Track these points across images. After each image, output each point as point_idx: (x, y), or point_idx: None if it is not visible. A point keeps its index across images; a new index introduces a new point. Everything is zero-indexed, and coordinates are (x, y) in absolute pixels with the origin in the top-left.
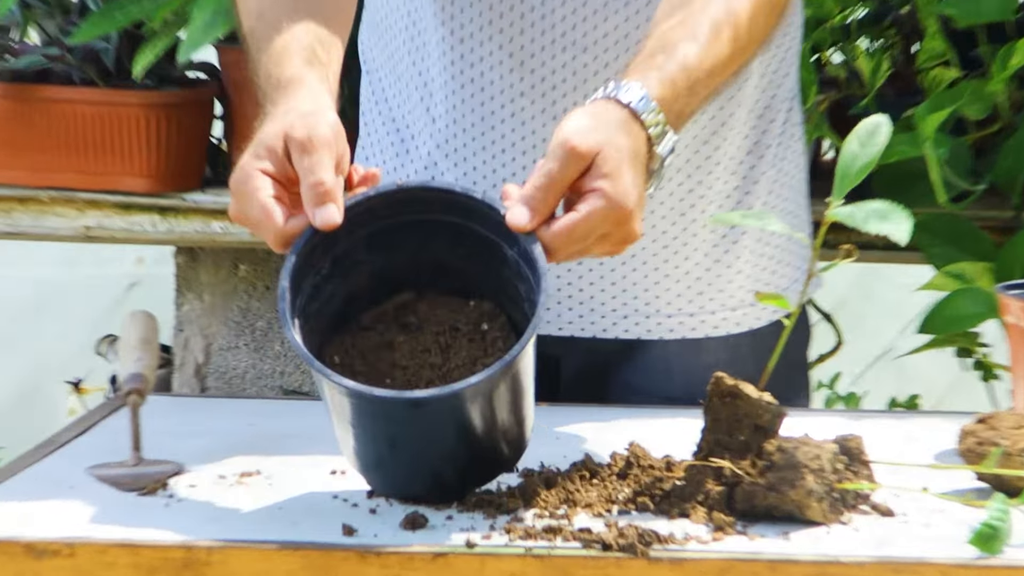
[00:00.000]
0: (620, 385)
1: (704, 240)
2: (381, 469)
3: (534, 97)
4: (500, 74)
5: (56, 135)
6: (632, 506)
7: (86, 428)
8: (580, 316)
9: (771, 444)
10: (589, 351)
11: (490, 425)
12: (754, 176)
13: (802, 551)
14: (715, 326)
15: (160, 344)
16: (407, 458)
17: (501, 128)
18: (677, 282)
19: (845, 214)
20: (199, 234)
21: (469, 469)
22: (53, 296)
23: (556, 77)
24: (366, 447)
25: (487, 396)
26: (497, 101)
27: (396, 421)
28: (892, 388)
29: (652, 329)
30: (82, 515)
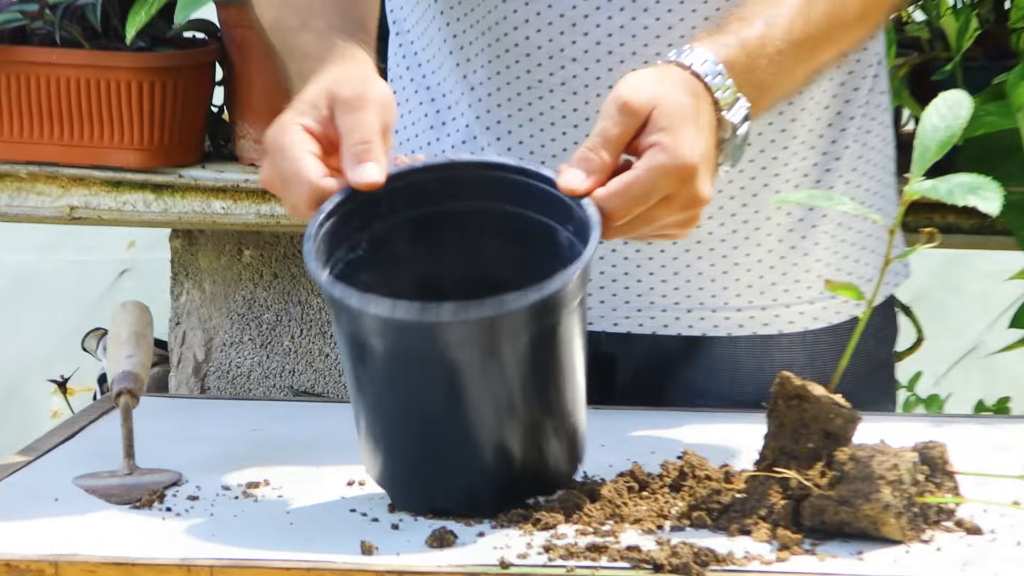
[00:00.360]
0: (682, 387)
1: (778, 224)
2: (400, 452)
3: (587, 63)
4: (549, 37)
5: (36, 103)
6: (686, 522)
7: (72, 433)
8: (638, 310)
9: (843, 453)
10: (648, 350)
11: (533, 395)
12: (835, 152)
13: (878, 573)
14: (790, 321)
15: (155, 339)
16: (433, 434)
17: (549, 98)
18: (748, 271)
19: (927, 188)
20: (198, 215)
21: (510, 460)
22: (33, 285)
23: (612, 40)
24: (387, 421)
25: (524, 349)
26: (545, 68)
27: (421, 361)
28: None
29: (719, 324)
30: (68, 530)
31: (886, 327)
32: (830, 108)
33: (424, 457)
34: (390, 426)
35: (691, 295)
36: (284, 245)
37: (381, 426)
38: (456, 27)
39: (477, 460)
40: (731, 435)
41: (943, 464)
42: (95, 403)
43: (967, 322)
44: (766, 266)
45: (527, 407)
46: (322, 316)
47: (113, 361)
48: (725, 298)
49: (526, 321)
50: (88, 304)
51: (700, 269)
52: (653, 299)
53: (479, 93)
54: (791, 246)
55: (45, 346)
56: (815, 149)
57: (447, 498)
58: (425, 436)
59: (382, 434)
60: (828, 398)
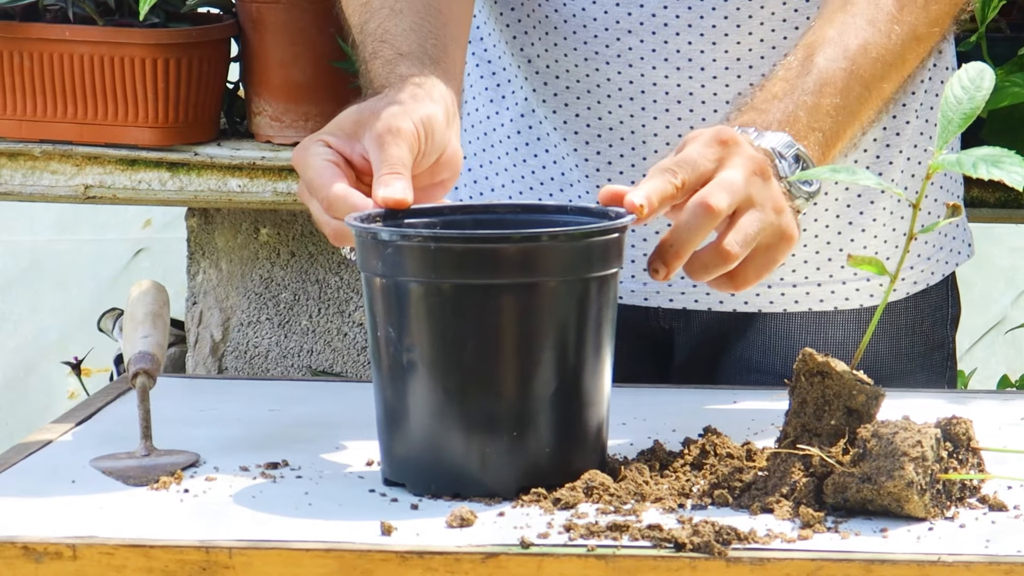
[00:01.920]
0: (737, 363)
1: (836, 200)
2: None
3: (643, 35)
4: (605, 8)
5: (49, 81)
6: (708, 500)
7: (89, 414)
8: (694, 286)
9: (865, 429)
10: (704, 325)
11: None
12: (896, 127)
13: (901, 550)
14: (846, 297)
15: (171, 319)
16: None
17: (606, 70)
18: (804, 247)
19: (951, 161)
20: (214, 193)
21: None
22: (49, 265)
23: (668, 12)
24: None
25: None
26: (601, 39)
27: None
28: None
29: (775, 300)
30: (86, 513)
31: (944, 306)
32: None
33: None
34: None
35: None
36: (301, 223)
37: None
38: (513, 1)
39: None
40: (753, 413)
41: (967, 440)
42: (111, 384)
43: (992, 297)
44: (823, 242)
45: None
46: (340, 295)
47: (129, 341)
48: (781, 273)
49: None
50: (104, 284)
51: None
52: None
53: (536, 66)
54: (848, 222)
55: (61, 326)
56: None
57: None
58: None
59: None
60: (851, 374)
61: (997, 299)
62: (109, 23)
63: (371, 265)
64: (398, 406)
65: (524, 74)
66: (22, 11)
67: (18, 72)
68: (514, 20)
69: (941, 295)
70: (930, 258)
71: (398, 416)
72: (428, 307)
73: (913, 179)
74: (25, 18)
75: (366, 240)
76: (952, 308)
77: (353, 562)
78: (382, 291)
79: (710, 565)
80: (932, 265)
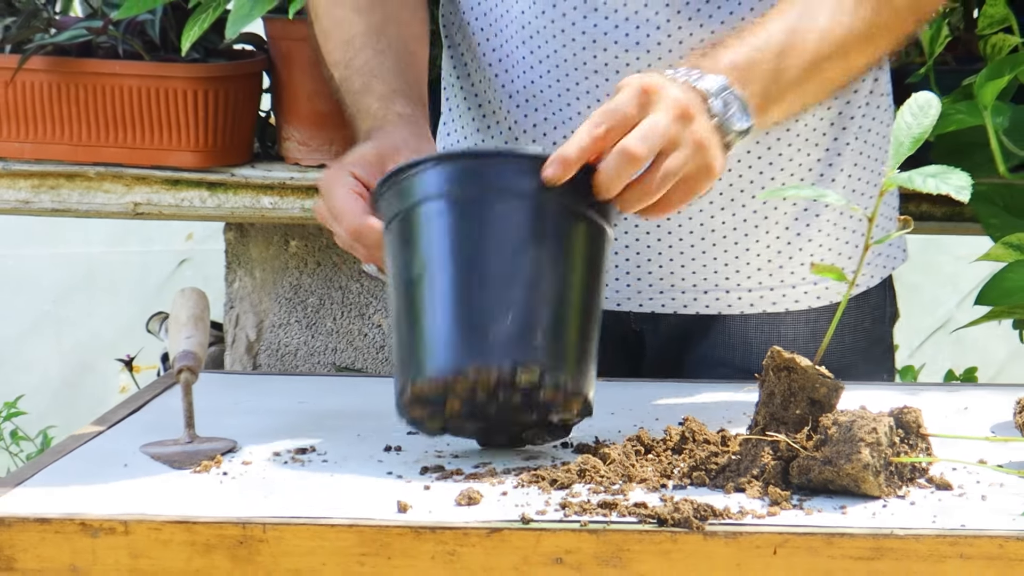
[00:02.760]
0: (700, 360)
1: (784, 213)
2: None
3: (608, 75)
4: (573, 51)
5: (102, 110)
6: (687, 481)
7: (139, 406)
8: (660, 292)
9: (827, 418)
10: (671, 327)
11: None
12: (837, 148)
13: (858, 525)
14: (796, 300)
15: (211, 321)
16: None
17: (577, 105)
18: (757, 256)
19: (903, 178)
20: (248, 209)
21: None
22: (102, 274)
23: (630, 55)
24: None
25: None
26: (572, 77)
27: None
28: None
29: (733, 304)
30: (136, 493)
31: (883, 306)
32: (832, 108)
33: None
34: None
35: (707, 278)
36: (327, 236)
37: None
38: (496, 41)
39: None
40: (727, 404)
41: (917, 427)
42: (159, 379)
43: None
44: (774, 251)
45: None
46: (361, 300)
47: (174, 341)
48: (738, 280)
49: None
50: (151, 291)
51: (715, 255)
52: (674, 282)
53: (516, 100)
54: (796, 233)
55: (113, 329)
56: (819, 146)
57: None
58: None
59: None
60: (814, 369)
61: (944, 302)
62: (155, 58)
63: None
64: (417, 315)
65: (507, 107)
66: (78, 48)
67: (74, 102)
68: (496, 60)
69: (880, 296)
70: (870, 263)
71: (415, 333)
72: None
73: (854, 194)
74: (80, 54)
75: (391, 191)
76: (890, 307)
77: (372, 536)
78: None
79: (689, 538)
80: (872, 270)
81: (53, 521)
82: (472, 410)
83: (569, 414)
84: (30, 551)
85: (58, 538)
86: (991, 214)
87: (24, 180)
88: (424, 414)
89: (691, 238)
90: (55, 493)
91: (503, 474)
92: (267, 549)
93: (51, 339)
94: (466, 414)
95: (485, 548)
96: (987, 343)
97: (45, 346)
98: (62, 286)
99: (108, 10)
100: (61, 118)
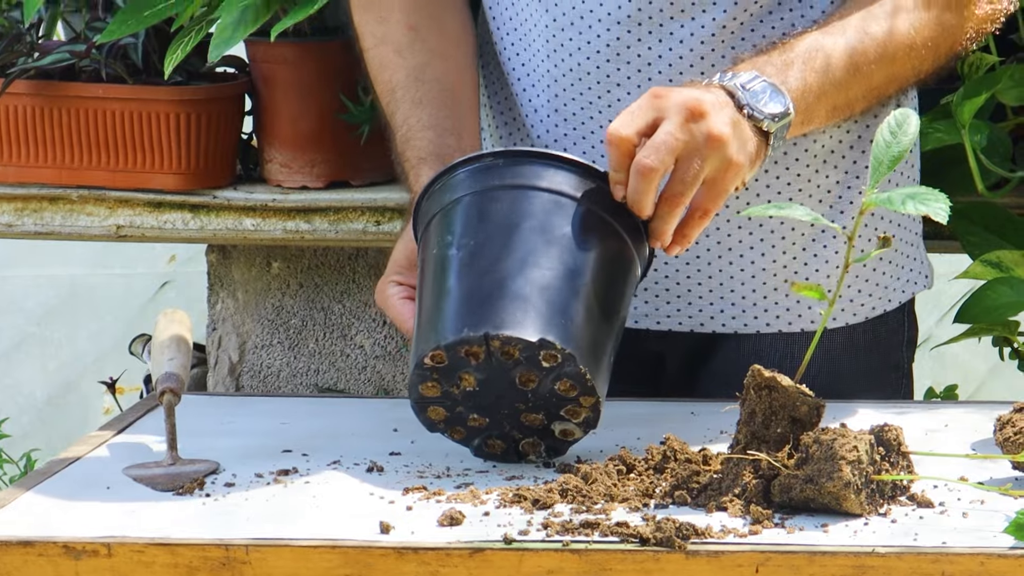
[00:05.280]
0: (714, 377)
1: (803, 234)
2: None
3: (629, 88)
4: (596, 64)
5: (85, 133)
6: (669, 500)
7: (122, 428)
8: (678, 310)
9: (808, 436)
10: (687, 345)
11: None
12: (856, 171)
13: (840, 543)
14: (812, 320)
15: (194, 343)
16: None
17: (599, 119)
18: (774, 276)
19: (883, 199)
20: (231, 231)
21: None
22: (86, 296)
23: (652, 69)
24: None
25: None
26: (594, 91)
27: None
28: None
29: (748, 323)
30: (119, 515)
31: (900, 330)
32: (852, 132)
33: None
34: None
35: (724, 296)
36: (308, 257)
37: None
38: (523, 56)
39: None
40: (708, 422)
41: (897, 445)
42: (141, 401)
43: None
44: (790, 271)
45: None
46: (343, 321)
47: (157, 363)
48: (754, 299)
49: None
50: (134, 313)
51: (732, 273)
52: (691, 300)
53: (540, 115)
54: (813, 254)
55: (96, 350)
56: (838, 168)
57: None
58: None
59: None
60: (795, 388)
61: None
62: (137, 82)
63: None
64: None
65: (531, 123)
66: (61, 72)
67: (57, 126)
68: (525, 74)
69: (897, 320)
70: (887, 287)
71: (445, 300)
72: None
73: (872, 218)
74: (63, 78)
75: (431, 200)
76: (908, 331)
77: (355, 557)
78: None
79: (671, 557)
80: (889, 293)
81: (36, 544)
82: (481, 397)
83: (575, 420)
84: (13, 574)
85: (41, 560)
86: (970, 232)
87: (7, 203)
88: (434, 392)
89: (708, 256)
90: (38, 516)
91: (485, 494)
92: (250, 571)
93: (35, 360)
94: (473, 403)
95: (468, 568)
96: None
97: (29, 367)
98: (46, 308)
99: (91, 34)
100: (44, 141)
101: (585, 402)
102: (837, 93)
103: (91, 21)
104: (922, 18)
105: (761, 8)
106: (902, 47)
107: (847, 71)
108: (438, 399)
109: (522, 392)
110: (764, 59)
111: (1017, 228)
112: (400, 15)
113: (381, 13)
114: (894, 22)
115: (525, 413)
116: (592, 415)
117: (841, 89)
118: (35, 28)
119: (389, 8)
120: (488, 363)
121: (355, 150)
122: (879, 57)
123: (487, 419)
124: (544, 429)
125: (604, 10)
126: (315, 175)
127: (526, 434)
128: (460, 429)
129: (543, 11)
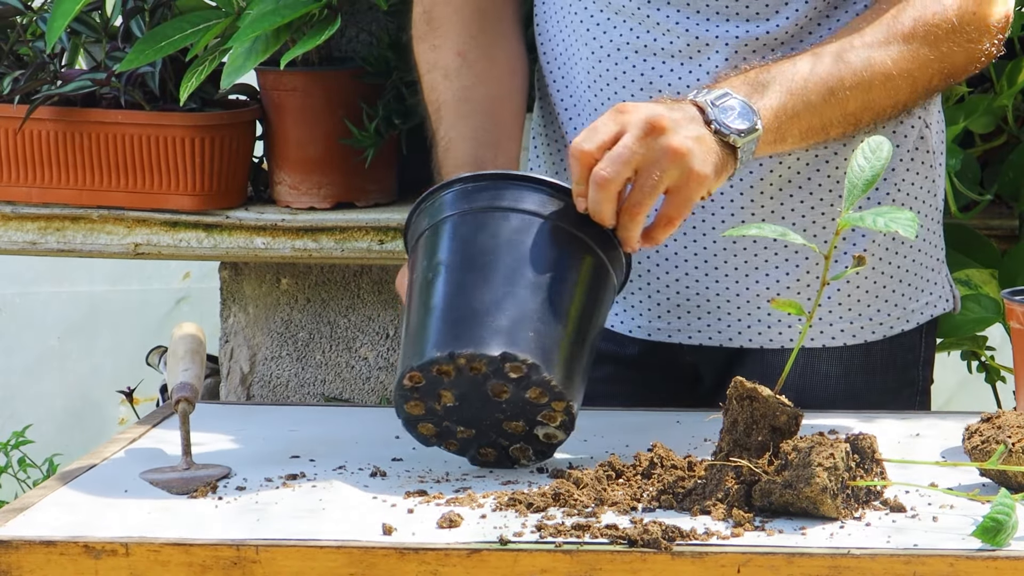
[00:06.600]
0: None
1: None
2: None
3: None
4: (632, 94)
5: (105, 156)
6: (656, 504)
7: (139, 435)
8: (708, 326)
9: (787, 444)
10: (718, 358)
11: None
12: (878, 198)
13: (817, 544)
14: (833, 336)
15: (207, 355)
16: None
17: None
18: (798, 294)
19: (856, 218)
20: (242, 249)
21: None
22: (105, 311)
23: (682, 83)
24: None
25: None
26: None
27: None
28: None
29: (774, 338)
30: (137, 517)
31: (917, 349)
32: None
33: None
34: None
35: (751, 313)
36: (316, 274)
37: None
38: (566, 82)
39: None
40: (693, 431)
41: (872, 453)
42: (157, 410)
43: None
44: (813, 291)
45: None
46: (348, 334)
47: (172, 374)
48: (778, 316)
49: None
50: (151, 327)
51: (758, 291)
52: (720, 316)
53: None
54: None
55: (114, 363)
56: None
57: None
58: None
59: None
60: (775, 398)
61: None
62: (155, 108)
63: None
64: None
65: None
66: (82, 98)
67: (79, 149)
68: (572, 104)
69: (915, 339)
70: (905, 307)
71: (419, 325)
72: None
73: (894, 242)
74: (85, 104)
75: (418, 218)
76: (926, 351)
77: (359, 557)
78: (430, 236)
79: (657, 558)
80: (907, 313)
81: (58, 544)
82: (463, 410)
83: (553, 424)
84: (36, 572)
85: (63, 560)
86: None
87: (31, 223)
88: (419, 410)
89: (736, 275)
90: (60, 517)
91: (482, 498)
92: (260, 570)
93: (56, 373)
94: (457, 417)
95: (466, 568)
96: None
97: (51, 379)
98: (67, 323)
99: (111, 63)
100: (66, 164)
101: (557, 407)
102: (811, 115)
103: (111, 51)
104: (901, 50)
105: (784, 44)
106: (879, 76)
107: (822, 95)
108: (424, 416)
109: (497, 403)
110: (741, 79)
111: (985, 248)
112: (451, 43)
113: (435, 42)
114: (871, 53)
115: (506, 422)
116: (567, 418)
117: (815, 112)
118: (58, 57)
119: (443, 37)
120: (460, 379)
121: (360, 173)
122: (855, 84)
123: (473, 430)
124: (528, 434)
125: (641, 43)
126: (322, 196)
127: (512, 441)
128: (453, 442)
129: (582, 44)
